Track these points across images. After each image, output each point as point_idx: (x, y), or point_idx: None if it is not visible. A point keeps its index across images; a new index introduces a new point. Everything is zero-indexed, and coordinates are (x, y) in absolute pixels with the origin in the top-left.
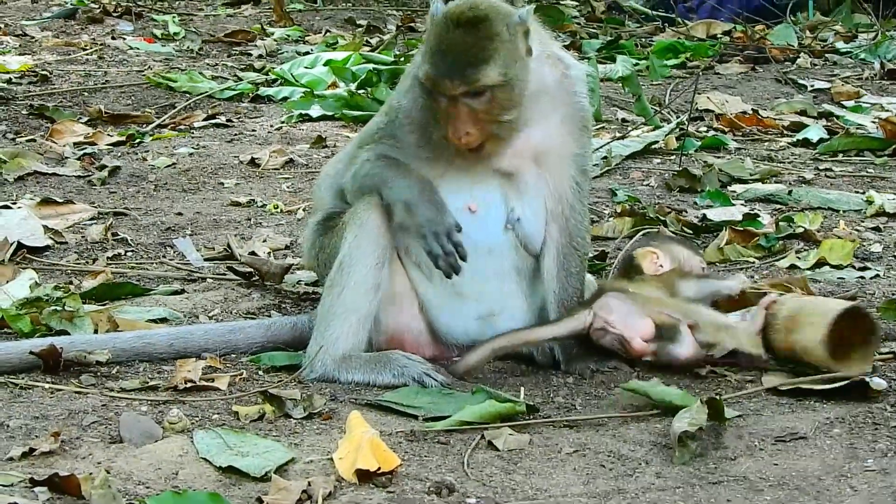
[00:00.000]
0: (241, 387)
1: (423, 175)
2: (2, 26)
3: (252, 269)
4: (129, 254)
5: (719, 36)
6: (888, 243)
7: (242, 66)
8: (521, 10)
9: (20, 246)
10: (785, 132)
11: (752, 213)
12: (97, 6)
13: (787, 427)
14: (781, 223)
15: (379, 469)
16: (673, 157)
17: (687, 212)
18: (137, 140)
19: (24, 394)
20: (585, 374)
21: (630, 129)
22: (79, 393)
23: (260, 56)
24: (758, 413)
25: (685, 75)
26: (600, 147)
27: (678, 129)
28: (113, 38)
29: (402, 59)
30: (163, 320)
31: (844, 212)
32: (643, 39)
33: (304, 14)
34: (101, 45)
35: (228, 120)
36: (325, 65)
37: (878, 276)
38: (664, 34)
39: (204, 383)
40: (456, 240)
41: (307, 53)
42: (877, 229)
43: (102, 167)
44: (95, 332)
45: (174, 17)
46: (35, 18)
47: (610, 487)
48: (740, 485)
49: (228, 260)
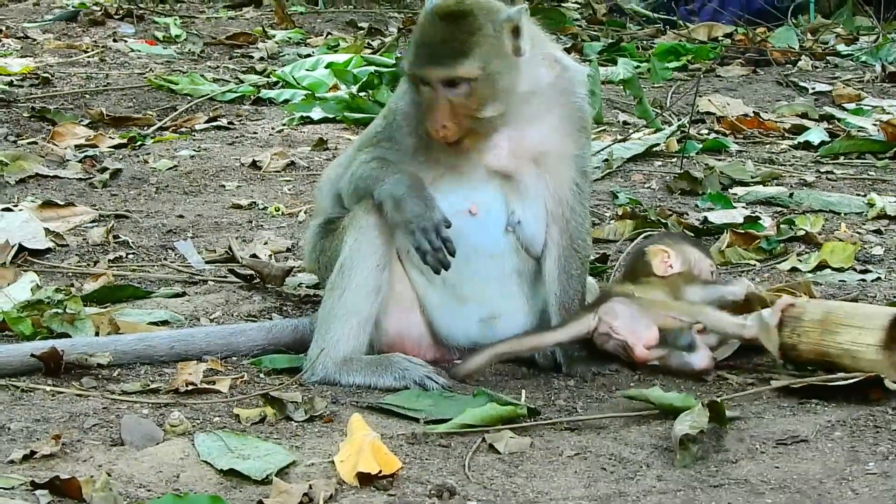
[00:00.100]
0: (242, 389)
1: (414, 173)
2: (3, 29)
3: (253, 272)
4: (131, 256)
5: (720, 38)
6: (889, 246)
7: (244, 69)
8: (511, 8)
9: (21, 248)
10: (786, 135)
11: (753, 215)
12: (99, 9)
13: (788, 430)
14: (783, 226)
15: (380, 472)
16: (674, 159)
17: (688, 214)
18: (139, 142)
19: (26, 396)
20: (587, 376)
21: (631, 131)
22: (80, 395)
23: (261, 58)
24: (759, 416)
25: (686, 78)
26: (601, 149)
27: (679, 132)
28: (114, 41)
29: (403, 61)
30: (164, 323)
31: (846, 214)
32: (644, 42)
33: (305, 16)
34: (102, 47)
35: (230, 122)
36: (326, 67)
37: (879, 278)
38: (665, 37)
39: (205, 386)
40: (444, 235)
41: (308, 56)
42: (878, 232)
43: (104, 170)
44: (96, 334)
45: (175, 19)
46: (36, 21)
47: (611, 490)
48: (741, 488)
49: (229, 262)
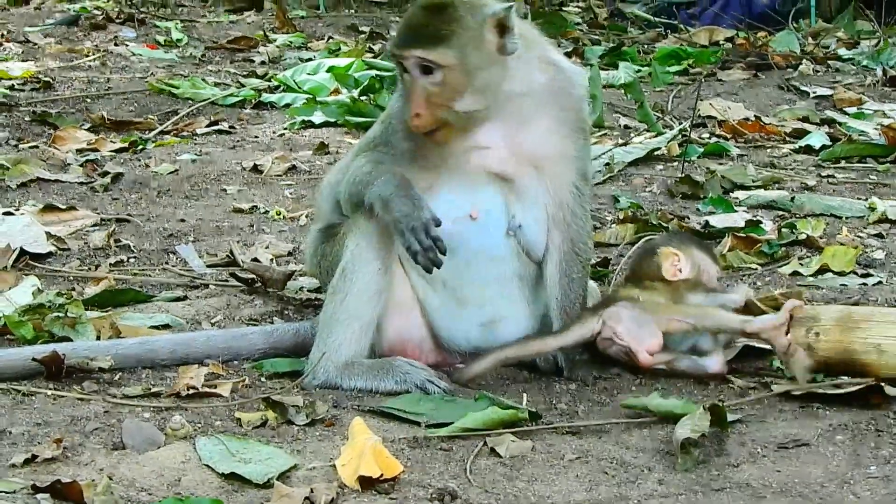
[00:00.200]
0: (243, 393)
1: (403, 173)
2: (5, 33)
3: (254, 276)
4: (132, 260)
5: (722, 42)
6: (891, 250)
7: (245, 73)
8: (497, 5)
9: (23, 252)
10: (787, 139)
11: (754, 219)
12: (100, 13)
13: (790, 434)
14: (784, 230)
15: (381, 476)
16: (675, 163)
17: (689, 218)
18: (140, 146)
19: (27, 400)
20: (588, 380)
21: (632, 135)
22: (81, 399)
23: (262, 62)
24: (761, 419)
25: (688, 82)
26: (603, 153)
27: (681, 136)
28: (116, 45)
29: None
30: (165, 327)
31: (847, 218)
32: (646, 46)
33: (306, 21)
34: (103, 51)
35: (231, 126)
36: (327, 71)
37: (880, 282)
38: (667, 41)
39: (206, 390)
40: (434, 234)
41: (310, 60)
42: (879, 236)
43: (105, 174)
44: (98, 338)
45: (177, 23)
46: (38, 25)
47: (612, 494)
48: (743, 492)
49: (231, 266)
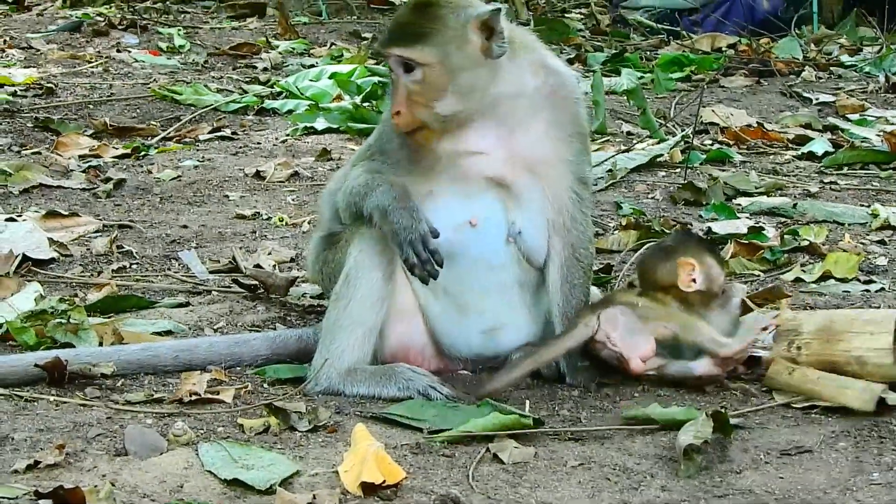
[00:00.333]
0: (246, 399)
1: (401, 183)
2: (7, 39)
3: (257, 282)
4: (134, 266)
5: (724, 49)
6: (893, 256)
7: (247, 79)
8: (482, 7)
9: (25, 258)
10: (790, 145)
11: (757, 226)
12: (102, 19)
13: (792, 440)
14: (786, 236)
15: (384, 482)
16: (678, 170)
17: (692, 225)
18: (143, 153)
19: (29, 406)
20: (591, 386)
21: (635, 142)
22: (84, 405)
23: (265, 69)
24: (763, 426)
25: (690, 88)
26: (605, 160)
27: (683, 142)
28: (118, 51)
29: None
30: (168, 333)
31: (849, 225)
32: (648, 52)
33: (309, 27)
34: (106, 57)
35: (233, 133)
36: (330, 77)
37: (883, 289)
38: (669, 47)
39: (209, 396)
40: (432, 247)
41: (312, 66)
42: (882, 242)
43: (107, 180)
44: (100, 344)
45: (179, 29)
46: (40, 31)
47: (615, 501)
48: (746, 498)
49: (233, 272)
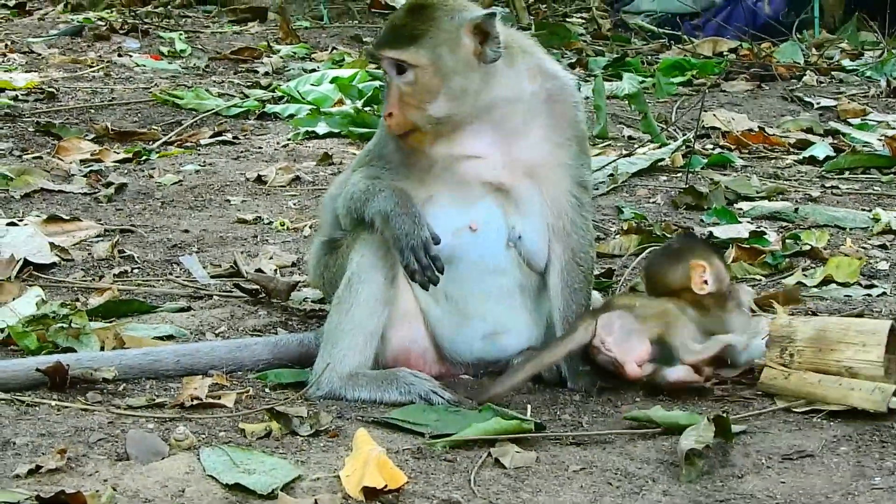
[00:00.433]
0: (247, 404)
1: (402, 189)
2: (9, 43)
3: (258, 287)
4: (136, 271)
5: (725, 53)
6: (895, 261)
7: (249, 84)
8: (477, 11)
9: (27, 263)
10: (791, 150)
11: (758, 230)
12: (104, 24)
13: (794, 445)
14: (788, 241)
15: (385, 487)
16: (679, 174)
17: (693, 229)
18: (144, 157)
19: (31, 411)
20: (592, 390)
21: (636, 146)
22: (85, 410)
23: (266, 73)
24: (765, 431)
25: (691, 93)
26: (606, 164)
27: (684, 147)
28: (119, 56)
29: None
30: (169, 337)
31: (851, 229)
32: (649, 57)
33: (310, 31)
34: (107, 62)
35: (235, 137)
36: (331, 82)
37: (884, 293)
38: (670, 52)
39: (210, 400)
40: (433, 253)
41: (313, 71)
42: (883, 247)
43: (109, 184)
44: (102, 349)
45: (180, 34)
46: (42, 36)
47: None
48: (748, 503)
49: (235, 277)
